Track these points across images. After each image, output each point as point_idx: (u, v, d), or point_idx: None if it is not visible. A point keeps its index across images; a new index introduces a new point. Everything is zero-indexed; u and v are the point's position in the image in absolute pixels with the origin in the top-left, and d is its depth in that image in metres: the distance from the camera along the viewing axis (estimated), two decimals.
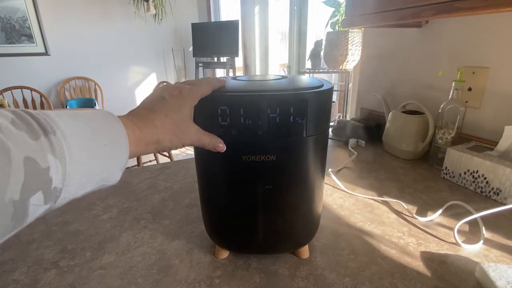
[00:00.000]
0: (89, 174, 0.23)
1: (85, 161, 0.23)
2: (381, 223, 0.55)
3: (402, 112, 0.86)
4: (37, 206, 0.19)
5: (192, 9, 3.54)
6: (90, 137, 0.23)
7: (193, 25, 3.19)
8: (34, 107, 2.61)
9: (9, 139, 0.17)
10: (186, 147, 0.35)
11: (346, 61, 1.42)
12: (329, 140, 1.04)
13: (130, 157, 0.28)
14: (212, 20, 3.50)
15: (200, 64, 3.29)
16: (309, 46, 2.23)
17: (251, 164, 0.37)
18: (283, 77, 0.43)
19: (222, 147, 0.35)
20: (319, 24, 2.24)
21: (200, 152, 0.41)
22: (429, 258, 0.46)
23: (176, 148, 0.33)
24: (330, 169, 0.77)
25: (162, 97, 0.33)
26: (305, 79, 0.44)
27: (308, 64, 1.75)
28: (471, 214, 0.56)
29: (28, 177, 0.18)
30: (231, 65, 3.05)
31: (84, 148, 0.22)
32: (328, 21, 1.54)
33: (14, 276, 0.43)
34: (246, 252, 0.47)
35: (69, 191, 0.22)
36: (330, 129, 1.04)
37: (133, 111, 0.32)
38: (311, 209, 0.43)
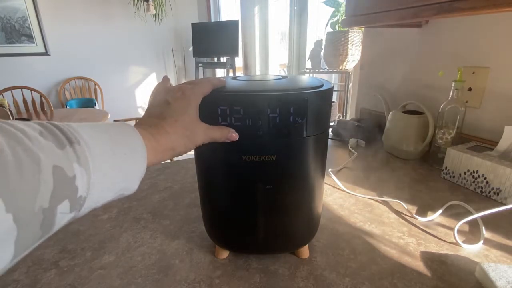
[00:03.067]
0: (110, 183, 0.24)
1: (107, 171, 0.23)
2: (381, 223, 0.55)
3: (402, 112, 0.86)
4: (63, 215, 0.20)
5: (192, 9, 3.54)
6: (111, 147, 0.24)
7: (193, 25, 3.19)
8: (34, 107, 2.61)
9: (38, 149, 0.18)
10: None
11: (346, 61, 1.42)
12: (329, 140, 1.04)
13: (148, 165, 0.29)
14: (212, 20, 3.50)
15: (200, 64, 3.29)
16: (309, 46, 2.23)
17: (251, 164, 0.37)
18: (283, 77, 0.43)
19: (235, 136, 0.35)
20: (319, 24, 2.24)
21: (200, 152, 0.41)
22: (429, 258, 0.46)
23: (189, 150, 0.33)
24: (330, 169, 0.77)
25: (167, 101, 0.33)
26: (305, 79, 0.44)
27: (308, 64, 1.76)
28: (471, 214, 0.56)
29: (56, 185, 0.18)
30: (231, 65, 3.05)
31: (106, 158, 0.23)
32: (328, 21, 1.54)
33: (14, 276, 0.43)
34: (246, 252, 0.47)
35: (92, 199, 0.22)
36: (330, 129, 1.04)
37: (143, 121, 0.32)
38: (311, 209, 0.43)
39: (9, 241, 0.16)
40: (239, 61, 3.00)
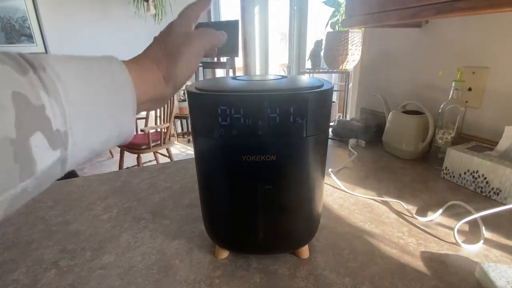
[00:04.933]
0: (95, 118, 0.21)
1: (86, 103, 0.21)
2: (381, 223, 0.55)
3: (402, 112, 0.86)
4: (42, 150, 0.18)
5: None
6: (86, 76, 0.21)
7: None
8: None
9: None
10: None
11: (346, 61, 1.42)
12: (329, 140, 1.04)
13: (140, 103, 0.27)
14: (212, 20, 3.50)
15: (200, 64, 3.29)
16: (309, 46, 2.24)
17: (251, 164, 0.37)
18: (283, 77, 0.43)
19: (222, 38, 0.35)
20: (319, 24, 2.24)
21: (201, 152, 0.41)
22: (429, 258, 0.46)
23: (189, 75, 0.32)
24: (330, 169, 0.77)
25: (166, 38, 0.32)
26: (305, 79, 0.44)
27: (308, 64, 1.76)
28: (471, 214, 0.56)
29: (19, 114, 0.17)
30: (231, 65, 3.05)
31: (81, 88, 0.21)
32: (328, 21, 1.54)
33: (14, 276, 0.43)
34: (246, 252, 0.47)
35: (79, 138, 0.20)
36: (330, 129, 1.04)
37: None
38: (311, 209, 0.43)
39: None
40: (239, 61, 3.00)
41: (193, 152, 0.42)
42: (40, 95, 0.18)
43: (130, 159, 2.81)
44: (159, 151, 2.60)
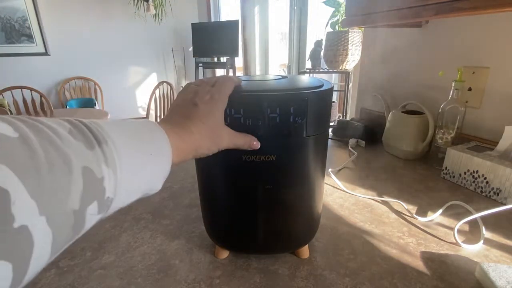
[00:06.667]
0: (136, 183, 0.24)
1: (133, 171, 0.23)
2: (381, 223, 0.55)
3: (402, 112, 0.86)
4: (92, 216, 0.20)
5: (192, 9, 3.54)
6: (138, 147, 0.24)
7: (193, 25, 3.19)
8: (34, 107, 2.61)
9: (69, 149, 0.18)
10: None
11: (346, 61, 1.42)
12: (329, 140, 1.04)
13: (171, 166, 0.28)
14: (212, 20, 3.50)
15: (200, 64, 3.29)
16: (309, 46, 2.24)
17: (251, 164, 0.37)
18: (283, 77, 0.43)
19: (256, 144, 0.35)
20: (319, 24, 2.24)
21: None
22: (429, 258, 0.46)
23: (212, 153, 0.33)
24: (330, 169, 0.77)
25: (195, 103, 0.33)
26: (305, 79, 0.44)
27: (308, 64, 1.75)
28: (471, 214, 0.56)
29: (86, 187, 0.18)
30: (231, 65, 3.05)
31: (133, 158, 0.23)
32: (328, 21, 1.54)
33: None
34: (246, 252, 0.47)
35: (119, 200, 0.22)
36: (330, 129, 1.04)
37: (168, 119, 0.32)
38: (311, 209, 0.43)
39: (46, 243, 0.17)
40: (239, 61, 3.00)
41: None
42: (102, 167, 0.20)
43: None
44: None
